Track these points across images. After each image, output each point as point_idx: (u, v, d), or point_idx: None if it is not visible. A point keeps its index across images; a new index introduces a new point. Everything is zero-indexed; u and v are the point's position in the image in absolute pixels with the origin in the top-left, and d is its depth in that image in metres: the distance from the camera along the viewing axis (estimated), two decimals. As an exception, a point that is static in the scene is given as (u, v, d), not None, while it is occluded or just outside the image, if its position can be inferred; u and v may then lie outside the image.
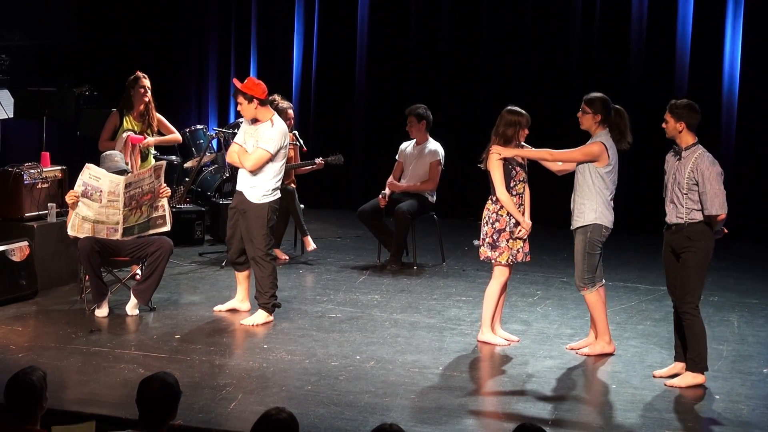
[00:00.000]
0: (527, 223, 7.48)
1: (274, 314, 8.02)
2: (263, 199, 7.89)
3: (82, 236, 8.00)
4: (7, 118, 10.93)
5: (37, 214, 8.81)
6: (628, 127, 7.28)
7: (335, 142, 12.04)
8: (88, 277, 8.01)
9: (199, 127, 11.69)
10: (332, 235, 11.31)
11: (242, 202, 7.94)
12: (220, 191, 10.91)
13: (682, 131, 6.80)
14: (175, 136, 9.48)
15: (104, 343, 7.42)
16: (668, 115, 6.84)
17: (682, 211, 6.76)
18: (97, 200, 8.02)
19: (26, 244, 8.48)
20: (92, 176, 8.04)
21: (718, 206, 6.67)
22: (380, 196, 9.98)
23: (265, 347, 7.42)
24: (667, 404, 6.52)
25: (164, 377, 4.49)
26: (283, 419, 4.16)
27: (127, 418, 5.65)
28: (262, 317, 7.96)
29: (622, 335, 7.83)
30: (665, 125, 6.86)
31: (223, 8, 13.26)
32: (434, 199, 10.03)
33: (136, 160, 8.96)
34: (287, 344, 7.47)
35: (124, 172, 8.21)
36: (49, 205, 8.83)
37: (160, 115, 9.27)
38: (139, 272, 8.64)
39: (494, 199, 7.48)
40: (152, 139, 9.15)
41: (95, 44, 12.89)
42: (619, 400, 6.58)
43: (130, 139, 8.92)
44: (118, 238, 8.05)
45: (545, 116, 10.56)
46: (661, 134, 6.97)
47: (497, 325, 7.67)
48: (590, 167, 7.20)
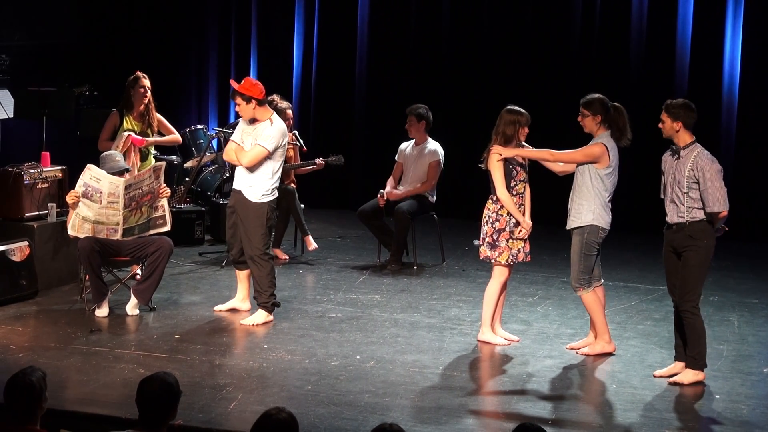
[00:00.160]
0: (528, 223, 7.48)
1: (274, 314, 8.02)
2: (263, 198, 7.88)
3: (82, 236, 8.00)
4: (7, 117, 10.93)
5: (37, 214, 8.82)
6: (627, 124, 7.28)
7: (335, 142, 12.04)
8: (88, 277, 8.01)
9: (199, 127, 11.69)
10: (332, 235, 11.31)
11: (241, 201, 7.94)
12: (220, 191, 10.91)
13: (679, 130, 6.80)
14: (174, 136, 9.46)
15: (104, 343, 7.42)
16: (664, 114, 6.84)
17: (683, 210, 6.76)
18: (97, 201, 8.02)
19: (26, 244, 8.48)
20: (93, 177, 8.04)
21: (719, 203, 6.67)
22: (379, 195, 9.98)
23: (265, 347, 7.42)
24: (667, 404, 6.52)
25: (164, 377, 4.49)
26: (282, 419, 4.17)
27: (127, 418, 5.65)
28: (261, 317, 7.95)
29: (622, 335, 7.83)
30: (662, 125, 6.86)
31: (223, 8, 13.25)
32: (434, 198, 10.02)
33: (136, 159, 8.95)
34: (287, 344, 7.47)
35: (125, 171, 8.22)
36: (49, 205, 8.83)
37: (160, 115, 9.26)
38: (139, 272, 8.64)
39: (494, 198, 7.47)
40: (151, 138, 9.14)
41: (95, 44, 12.89)
42: (619, 399, 6.58)
43: (131, 138, 8.91)
44: (118, 238, 8.06)
45: (545, 116, 10.55)
46: (661, 134, 6.96)
47: (497, 324, 7.67)
48: (590, 168, 7.20)
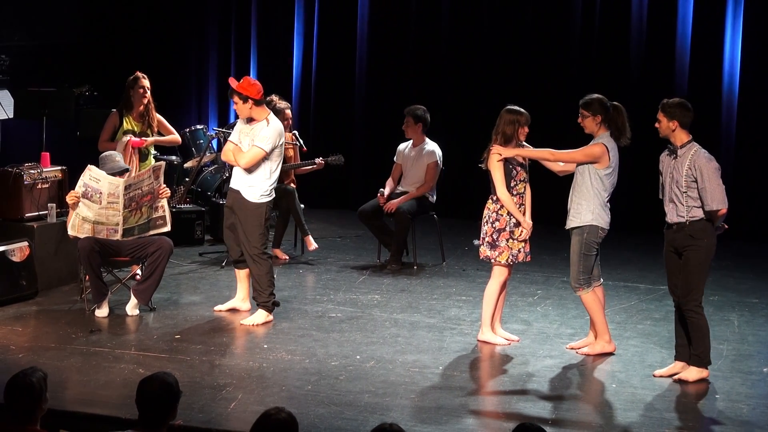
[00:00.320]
0: (528, 223, 7.48)
1: (274, 314, 8.02)
2: (261, 199, 7.89)
3: (82, 236, 8.00)
4: (7, 118, 10.93)
5: (37, 214, 8.81)
6: (626, 123, 7.27)
7: (335, 142, 12.03)
8: (88, 277, 8.01)
9: (198, 127, 11.69)
10: (332, 235, 11.31)
11: (239, 201, 7.94)
12: (220, 191, 10.90)
13: (675, 130, 6.80)
14: (174, 137, 9.46)
15: (104, 343, 7.42)
16: (661, 114, 6.85)
17: (682, 209, 6.76)
18: (96, 202, 8.01)
19: (26, 244, 8.48)
20: (93, 178, 8.04)
21: (718, 201, 6.67)
22: (379, 194, 9.98)
23: (265, 347, 7.42)
24: (667, 403, 6.52)
25: (164, 377, 4.49)
26: (282, 419, 4.17)
27: (127, 418, 5.65)
28: (261, 317, 7.95)
29: (622, 335, 7.83)
30: (658, 125, 6.87)
31: (222, 8, 13.25)
32: (434, 198, 10.02)
33: (136, 161, 8.95)
34: (287, 344, 7.47)
35: (125, 171, 8.22)
36: (49, 205, 8.83)
37: (159, 115, 9.26)
38: (139, 272, 8.64)
39: (495, 198, 7.47)
40: (151, 139, 9.13)
41: (95, 44, 12.89)
42: (619, 399, 6.58)
43: (131, 143, 8.91)
44: (118, 238, 8.06)
45: (545, 116, 10.55)
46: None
47: (497, 324, 7.67)
48: (590, 168, 7.19)
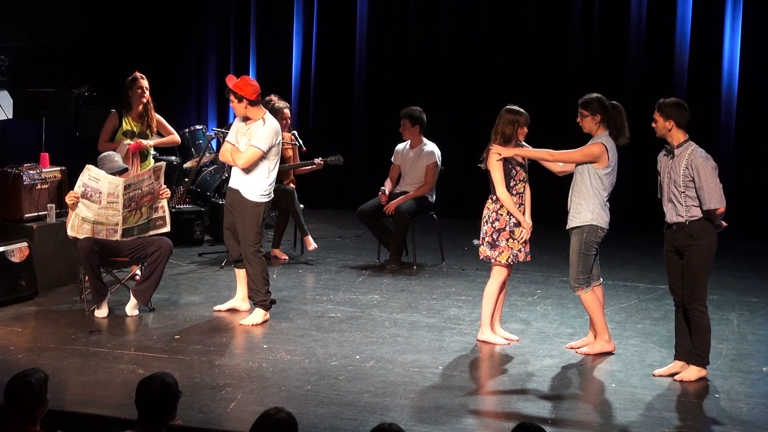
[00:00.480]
0: (528, 223, 7.48)
1: (273, 314, 8.02)
2: (261, 198, 7.91)
3: (81, 237, 8.00)
4: (6, 118, 10.93)
5: (36, 214, 8.81)
6: (625, 122, 7.27)
7: (334, 142, 12.03)
8: (87, 277, 8.01)
9: (198, 127, 11.69)
10: (332, 235, 11.31)
11: (239, 200, 7.95)
12: (219, 191, 10.90)
13: (671, 129, 6.81)
14: (173, 137, 9.46)
15: (104, 343, 7.42)
16: (657, 114, 6.85)
17: (681, 210, 6.76)
18: (96, 201, 8.01)
19: (26, 245, 8.48)
20: (92, 177, 8.04)
21: (716, 200, 6.67)
22: (380, 192, 9.98)
23: (264, 347, 7.42)
24: (666, 403, 6.52)
25: (163, 377, 4.49)
26: (282, 419, 4.17)
27: (126, 418, 5.65)
28: (260, 316, 7.96)
29: (621, 334, 7.82)
30: (654, 125, 6.88)
31: (222, 9, 13.25)
32: (434, 198, 10.02)
33: (136, 163, 8.94)
34: (287, 344, 7.47)
35: (125, 170, 8.22)
36: (48, 205, 8.83)
37: (159, 115, 9.26)
38: (138, 273, 8.64)
39: (494, 198, 7.47)
40: (148, 141, 9.11)
41: (94, 45, 12.88)
42: (618, 399, 6.58)
43: (131, 149, 8.91)
44: (117, 238, 8.06)
45: (545, 116, 10.56)
46: (659, 133, 6.98)
47: (497, 324, 7.67)
48: (589, 168, 7.19)
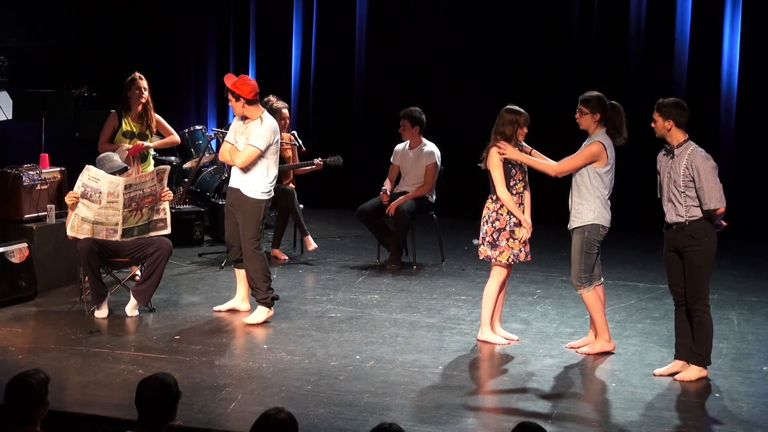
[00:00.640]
0: (528, 222, 7.47)
1: (274, 315, 8.02)
2: (261, 196, 7.93)
3: (81, 237, 8.00)
4: (6, 119, 10.93)
5: (36, 215, 8.81)
6: (624, 122, 7.27)
7: (334, 142, 12.03)
8: (87, 278, 8.01)
9: (197, 127, 11.69)
10: (332, 235, 11.30)
11: (239, 198, 7.97)
12: (219, 192, 10.90)
13: (671, 129, 6.81)
14: (173, 138, 9.45)
15: (104, 344, 7.42)
16: (656, 114, 6.85)
17: (681, 209, 6.76)
18: (96, 201, 8.01)
19: (25, 245, 8.48)
20: (91, 177, 8.04)
21: (716, 200, 6.67)
22: (381, 192, 9.98)
23: (264, 347, 7.42)
24: (666, 402, 6.52)
25: (163, 378, 4.50)
26: (282, 419, 4.17)
27: (126, 419, 5.64)
28: (263, 313, 7.96)
29: (621, 334, 7.82)
30: (654, 125, 6.88)
31: (221, 9, 13.25)
32: (434, 198, 10.02)
33: (137, 165, 8.94)
34: (287, 344, 7.47)
35: (125, 170, 8.23)
36: (48, 206, 8.83)
37: (158, 116, 9.26)
38: (138, 273, 8.64)
39: (494, 198, 7.47)
40: (149, 142, 9.11)
41: (94, 45, 12.88)
42: (618, 398, 6.58)
43: (130, 152, 8.91)
44: (117, 239, 8.06)
45: (544, 116, 10.55)
46: (658, 133, 6.97)
47: (497, 324, 7.67)
48: (589, 167, 7.19)
